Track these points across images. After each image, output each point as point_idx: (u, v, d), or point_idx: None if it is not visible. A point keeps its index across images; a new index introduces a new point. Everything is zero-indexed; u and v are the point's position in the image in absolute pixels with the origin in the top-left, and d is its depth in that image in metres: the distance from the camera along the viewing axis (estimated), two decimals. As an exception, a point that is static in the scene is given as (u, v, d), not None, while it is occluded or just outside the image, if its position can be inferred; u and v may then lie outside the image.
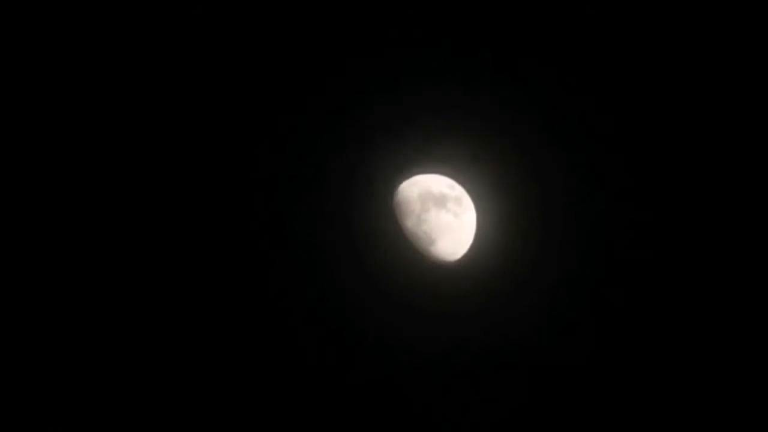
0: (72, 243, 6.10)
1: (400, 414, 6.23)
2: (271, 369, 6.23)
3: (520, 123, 6.12)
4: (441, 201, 6.22)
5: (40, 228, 6.10)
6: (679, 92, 6.00)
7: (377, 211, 6.23)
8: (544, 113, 6.09)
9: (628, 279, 6.09)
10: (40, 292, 6.08)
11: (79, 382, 6.07)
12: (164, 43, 6.11)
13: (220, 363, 6.21)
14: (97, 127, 6.11)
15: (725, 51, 5.95)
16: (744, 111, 5.98)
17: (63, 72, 6.08)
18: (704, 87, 5.98)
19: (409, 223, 6.22)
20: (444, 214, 6.22)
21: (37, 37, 6.05)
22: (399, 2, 6.07)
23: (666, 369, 6.06)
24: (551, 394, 6.14)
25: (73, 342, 6.08)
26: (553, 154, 6.12)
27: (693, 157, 6.02)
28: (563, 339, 6.15)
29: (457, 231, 6.22)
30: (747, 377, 5.98)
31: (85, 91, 6.10)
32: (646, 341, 6.07)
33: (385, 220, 6.22)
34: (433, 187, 6.24)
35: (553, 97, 6.06)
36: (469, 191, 6.23)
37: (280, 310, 6.26)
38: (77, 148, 6.11)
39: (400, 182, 6.23)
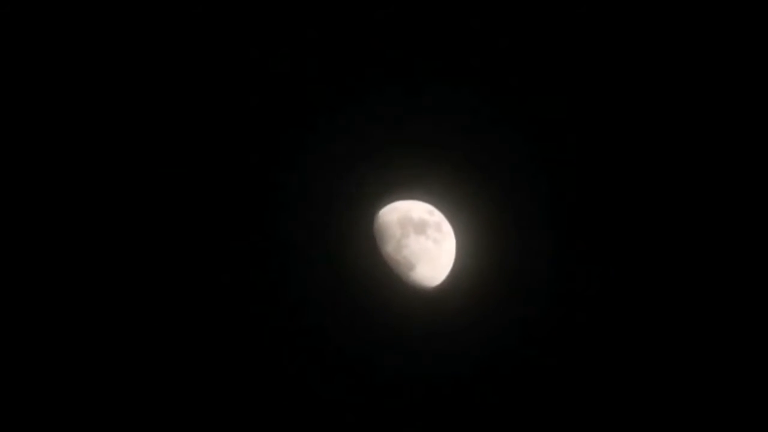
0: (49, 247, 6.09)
1: (383, 410, 6.15)
2: (246, 398, 6.17)
3: (501, 150, 6.15)
4: (421, 227, 6.23)
5: (33, 229, 6.09)
6: (661, 104, 6.03)
7: (357, 236, 6.23)
8: (527, 141, 6.12)
9: (608, 303, 6.08)
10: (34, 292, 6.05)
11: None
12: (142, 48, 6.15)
13: (198, 387, 6.17)
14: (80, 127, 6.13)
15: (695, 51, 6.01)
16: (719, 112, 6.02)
17: (57, 72, 6.08)
18: (684, 92, 6.01)
19: (389, 248, 6.22)
20: (424, 240, 6.23)
21: (37, 37, 6.07)
22: (379, 24, 6.13)
23: (650, 390, 6.03)
24: (532, 418, 6.09)
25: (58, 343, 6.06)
26: (534, 181, 6.14)
27: (675, 174, 6.04)
28: (544, 363, 6.11)
29: (437, 257, 6.22)
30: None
31: (69, 92, 6.12)
32: (627, 362, 6.04)
33: (365, 246, 6.22)
34: (413, 213, 6.25)
35: (535, 125, 6.10)
36: (449, 217, 6.24)
37: (258, 335, 6.22)
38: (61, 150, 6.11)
39: (380, 208, 6.25)
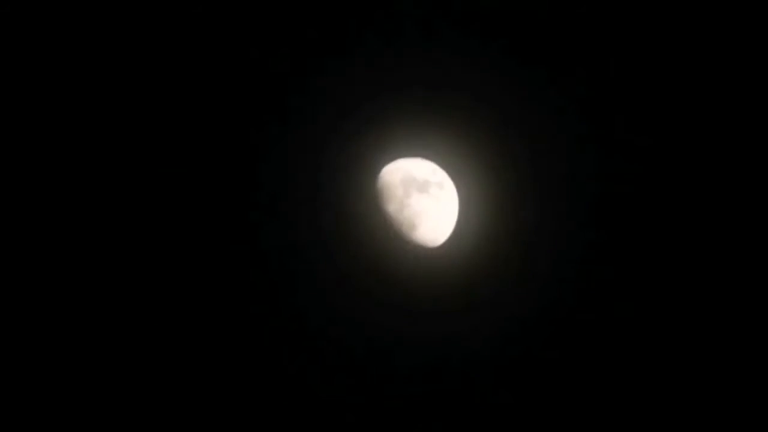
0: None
1: (383, 410, 6.17)
2: (248, 363, 6.13)
3: (503, 108, 6.14)
4: (423, 186, 6.20)
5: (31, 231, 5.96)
6: (672, 69, 6.06)
7: (359, 195, 6.18)
8: (529, 99, 6.12)
9: (616, 268, 6.13)
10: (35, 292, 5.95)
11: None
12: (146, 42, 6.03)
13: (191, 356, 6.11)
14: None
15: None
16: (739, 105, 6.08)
17: (50, 70, 5.97)
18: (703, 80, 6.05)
19: (391, 207, 6.18)
20: (426, 199, 6.20)
21: (36, 37, 5.93)
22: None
23: (661, 364, 6.09)
24: (535, 387, 6.14)
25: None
26: (537, 139, 6.15)
27: (692, 144, 6.08)
28: (547, 326, 6.16)
29: (440, 216, 6.21)
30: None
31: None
32: (635, 334, 6.10)
33: (367, 205, 6.18)
34: (416, 172, 6.22)
35: (537, 82, 6.10)
36: (452, 176, 6.22)
37: (260, 299, 6.17)
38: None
39: (383, 167, 6.20)
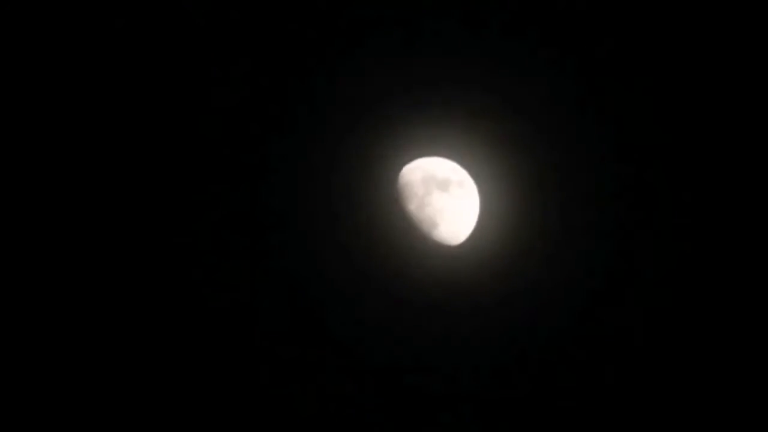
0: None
1: (397, 404, 6.20)
2: (265, 361, 6.18)
3: (523, 107, 6.15)
4: (444, 185, 6.23)
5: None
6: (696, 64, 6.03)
7: (380, 194, 6.21)
8: (549, 98, 6.12)
9: (633, 265, 6.12)
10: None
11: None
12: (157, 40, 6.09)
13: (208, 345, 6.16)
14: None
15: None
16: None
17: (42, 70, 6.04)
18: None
19: (412, 206, 6.21)
20: (447, 197, 6.23)
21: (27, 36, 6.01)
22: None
23: (684, 360, 6.07)
24: (553, 381, 6.15)
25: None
26: (556, 138, 6.15)
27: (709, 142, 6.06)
28: (566, 324, 6.16)
29: (460, 215, 6.23)
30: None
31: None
32: (653, 331, 6.09)
33: (388, 204, 6.21)
34: (437, 170, 6.24)
35: (558, 82, 6.09)
36: (473, 175, 6.24)
37: (281, 294, 6.22)
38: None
39: (404, 166, 6.23)
